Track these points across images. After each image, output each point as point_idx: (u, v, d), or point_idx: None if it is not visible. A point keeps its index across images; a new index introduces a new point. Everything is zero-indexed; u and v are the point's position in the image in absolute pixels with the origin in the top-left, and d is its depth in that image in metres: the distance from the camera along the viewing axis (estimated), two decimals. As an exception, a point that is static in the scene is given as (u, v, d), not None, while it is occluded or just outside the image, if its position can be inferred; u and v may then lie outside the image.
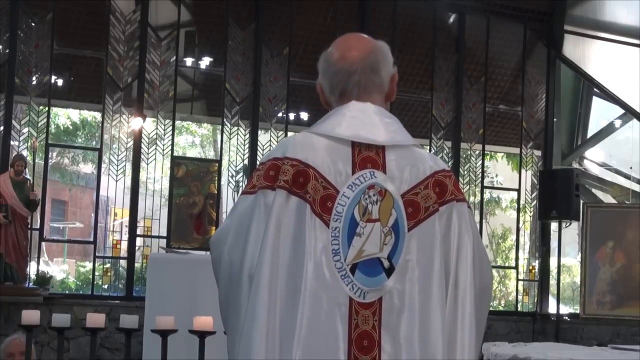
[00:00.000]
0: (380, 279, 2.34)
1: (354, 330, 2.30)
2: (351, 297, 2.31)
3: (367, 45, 2.52)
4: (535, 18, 12.36)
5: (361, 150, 2.40)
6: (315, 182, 2.35)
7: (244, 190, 2.43)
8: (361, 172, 2.38)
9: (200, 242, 10.63)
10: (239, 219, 2.39)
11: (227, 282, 2.39)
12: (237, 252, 2.36)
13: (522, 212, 12.30)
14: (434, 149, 11.82)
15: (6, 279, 9.28)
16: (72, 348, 9.59)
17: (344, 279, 2.32)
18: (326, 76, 2.53)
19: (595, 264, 11.23)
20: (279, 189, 2.34)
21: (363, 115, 2.44)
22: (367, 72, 2.49)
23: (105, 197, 13.69)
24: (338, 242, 2.33)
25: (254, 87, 11.00)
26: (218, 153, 11.99)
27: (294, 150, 2.38)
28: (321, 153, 2.38)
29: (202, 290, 6.60)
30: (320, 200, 2.35)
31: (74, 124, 16.91)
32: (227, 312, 2.41)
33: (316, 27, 11.41)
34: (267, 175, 2.36)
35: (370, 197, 2.37)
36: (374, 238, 2.35)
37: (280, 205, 2.33)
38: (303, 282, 2.29)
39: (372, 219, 2.36)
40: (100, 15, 10.46)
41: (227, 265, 2.38)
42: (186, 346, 5.83)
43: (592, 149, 13.23)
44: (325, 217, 2.34)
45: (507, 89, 12.45)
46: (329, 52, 2.55)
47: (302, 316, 2.27)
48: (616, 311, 11.11)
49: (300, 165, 2.35)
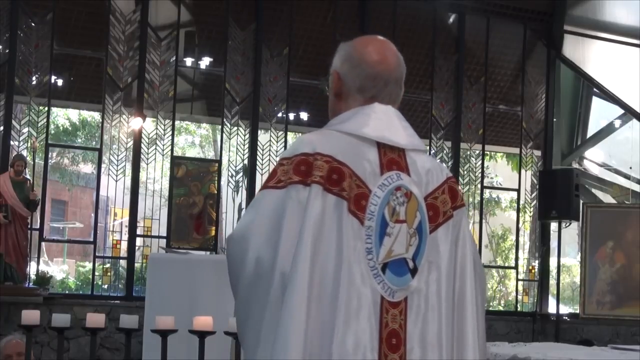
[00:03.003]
0: (406, 279, 2.40)
1: (385, 329, 2.34)
2: (382, 295, 2.35)
3: (398, 56, 2.54)
4: (535, 18, 12.36)
5: (386, 151, 2.43)
6: (350, 180, 2.35)
7: (267, 185, 2.36)
8: (388, 173, 2.41)
9: (200, 242, 10.64)
10: (269, 214, 2.32)
11: (253, 278, 2.32)
12: (267, 248, 2.29)
13: (522, 212, 12.31)
14: (434, 149, 11.83)
15: (6, 279, 9.28)
16: (72, 348, 9.59)
17: (376, 277, 2.35)
18: (354, 71, 2.50)
19: (595, 264, 11.23)
20: (314, 185, 2.31)
21: (386, 118, 2.47)
22: (398, 83, 2.53)
23: (105, 197, 13.70)
24: (371, 241, 2.36)
25: (253, 87, 11.00)
26: (218, 153, 12.00)
27: (325, 147, 2.36)
28: (351, 151, 2.38)
29: (202, 290, 6.61)
30: (355, 198, 2.35)
31: (73, 124, 16.92)
32: (249, 309, 2.35)
33: (316, 27, 11.41)
34: (298, 170, 2.32)
35: (398, 199, 2.41)
36: (401, 239, 2.40)
37: (317, 202, 2.30)
38: (342, 280, 2.30)
39: (400, 219, 2.40)
40: (100, 15, 10.46)
41: (253, 262, 2.31)
42: (186, 346, 5.83)
43: (592, 149, 13.24)
44: (360, 216, 2.35)
45: (507, 89, 12.45)
46: (365, 51, 2.51)
47: (340, 314, 2.28)
48: (616, 311, 11.11)
49: (334, 162, 2.34)
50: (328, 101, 2.60)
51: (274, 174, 2.36)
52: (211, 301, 6.46)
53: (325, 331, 2.27)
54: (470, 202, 12.02)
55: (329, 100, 2.59)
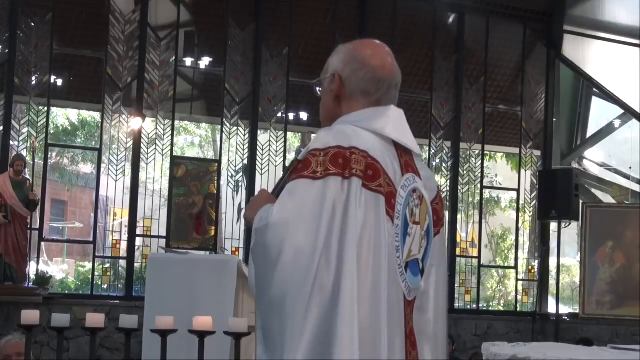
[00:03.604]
0: (418, 280, 2.46)
1: (407, 326, 2.40)
2: (404, 293, 2.40)
3: (395, 60, 2.58)
4: (535, 18, 12.36)
5: (401, 153, 2.48)
6: (384, 177, 2.38)
7: (300, 174, 2.32)
8: (407, 175, 2.47)
9: (199, 242, 10.64)
10: (308, 204, 2.28)
11: (291, 269, 2.26)
12: (306, 239, 2.26)
13: (522, 212, 12.31)
14: (434, 149, 11.83)
15: (6, 279, 9.28)
16: (71, 348, 9.59)
17: (401, 275, 2.40)
18: (358, 74, 2.50)
19: (595, 264, 11.24)
20: (354, 178, 2.31)
21: (400, 121, 2.51)
22: (397, 88, 2.56)
23: (104, 197, 13.69)
24: (399, 240, 2.40)
25: (253, 87, 11.00)
26: (217, 153, 11.99)
27: (359, 142, 2.37)
28: (379, 150, 2.41)
29: (202, 290, 6.60)
30: (387, 196, 2.38)
31: (72, 124, 16.91)
32: (285, 297, 2.27)
33: (316, 27, 11.41)
34: (336, 162, 2.31)
35: (414, 201, 2.47)
36: (417, 240, 2.45)
37: (358, 195, 2.31)
38: (382, 275, 2.32)
39: (416, 221, 2.46)
40: (100, 15, 10.46)
41: (292, 250, 2.26)
42: (186, 346, 5.82)
43: (591, 149, 13.24)
44: (391, 213, 2.39)
45: (507, 89, 12.45)
46: (367, 54, 2.52)
47: (383, 310, 2.30)
48: (616, 311, 11.12)
49: (369, 157, 2.36)
50: (321, 102, 2.59)
51: (307, 164, 2.33)
52: (211, 301, 6.45)
53: (374, 325, 2.28)
54: (470, 202, 12.02)
55: (322, 101, 2.58)
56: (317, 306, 2.24)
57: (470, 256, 12.14)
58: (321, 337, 2.23)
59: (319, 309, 2.23)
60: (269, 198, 2.46)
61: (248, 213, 2.46)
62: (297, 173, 2.34)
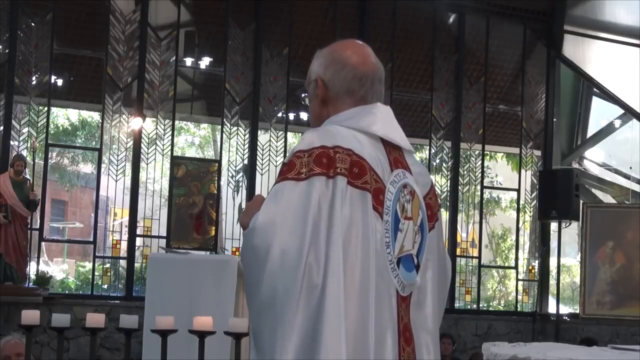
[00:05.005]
0: (413, 275, 2.46)
1: (400, 322, 2.39)
2: (397, 289, 2.40)
3: (375, 55, 2.59)
4: (535, 18, 12.36)
5: (390, 150, 2.49)
6: (370, 174, 2.39)
7: (284, 176, 2.34)
8: (396, 170, 2.47)
9: (200, 242, 10.64)
10: (292, 205, 2.29)
11: (278, 269, 2.26)
12: (293, 239, 2.26)
13: (522, 212, 12.31)
14: (434, 149, 11.83)
15: (6, 279, 9.28)
16: (72, 348, 9.59)
17: (393, 271, 2.40)
18: (340, 75, 2.52)
19: (595, 264, 11.23)
20: (339, 177, 2.32)
21: (388, 117, 2.53)
22: (382, 82, 2.57)
23: (105, 197, 13.69)
24: (389, 236, 2.40)
25: (253, 87, 11.00)
26: (218, 153, 11.99)
27: (344, 141, 2.38)
28: (367, 147, 2.42)
29: (202, 290, 6.60)
30: (374, 192, 2.39)
31: (72, 124, 16.91)
32: (275, 298, 2.27)
33: (316, 27, 11.41)
34: (320, 162, 2.32)
35: (405, 196, 2.47)
36: (409, 235, 2.46)
37: (344, 194, 2.32)
38: (370, 272, 2.33)
39: (408, 216, 2.46)
40: (100, 15, 10.46)
41: (279, 253, 2.27)
42: (186, 346, 5.82)
43: (591, 149, 13.24)
44: (379, 210, 2.39)
45: (507, 89, 12.45)
46: (346, 54, 2.54)
47: (371, 308, 2.30)
48: (616, 311, 11.11)
49: (354, 155, 2.37)
50: (309, 109, 2.60)
51: (291, 166, 2.34)
52: (211, 301, 6.46)
53: (364, 323, 2.29)
54: (470, 202, 12.02)
55: (310, 107, 2.59)
56: (306, 305, 2.24)
57: (471, 256, 12.14)
58: (309, 336, 2.23)
59: (307, 309, 2.24)
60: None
61: (242, 218, 2.46)
62: (282, 175, 2.36)
